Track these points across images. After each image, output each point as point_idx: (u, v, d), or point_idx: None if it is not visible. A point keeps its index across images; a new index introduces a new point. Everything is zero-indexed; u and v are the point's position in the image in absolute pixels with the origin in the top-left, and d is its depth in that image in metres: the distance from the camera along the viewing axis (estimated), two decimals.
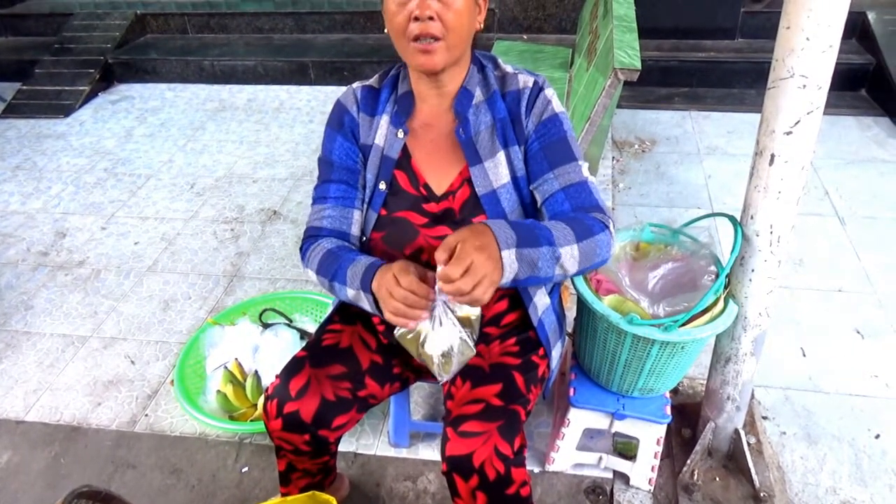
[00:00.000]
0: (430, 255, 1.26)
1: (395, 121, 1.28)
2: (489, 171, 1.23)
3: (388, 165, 1.28)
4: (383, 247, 1.30)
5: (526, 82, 1.25)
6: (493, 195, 1.23)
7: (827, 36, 1.17)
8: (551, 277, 1.11)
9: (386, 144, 1.28)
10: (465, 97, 1.25)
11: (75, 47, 4.57)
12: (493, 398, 1.26)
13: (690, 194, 2.98)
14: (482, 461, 1.18)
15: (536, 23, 4.29)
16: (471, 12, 1.17)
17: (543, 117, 1.23)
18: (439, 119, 1.27)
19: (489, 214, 1.23)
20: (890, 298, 2.34)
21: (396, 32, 1.16)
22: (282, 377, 1.33)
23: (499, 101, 1.25)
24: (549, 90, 1.25)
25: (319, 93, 4.22)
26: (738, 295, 1.50)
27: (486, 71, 1.27)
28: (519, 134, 1.25)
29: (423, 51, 1.14)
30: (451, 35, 1.14)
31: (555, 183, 1.20)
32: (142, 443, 1.96)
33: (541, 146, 1.22)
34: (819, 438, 1.88)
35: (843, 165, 3.12)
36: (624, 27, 1.98)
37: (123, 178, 3.39)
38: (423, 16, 1.11)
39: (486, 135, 1.24)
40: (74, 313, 2.48)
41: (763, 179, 1.35)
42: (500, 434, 1.21)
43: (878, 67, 3.64)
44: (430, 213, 1.26)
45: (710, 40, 4.04)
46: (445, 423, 1.27)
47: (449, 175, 1.27)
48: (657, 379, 1.56)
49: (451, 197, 1.25)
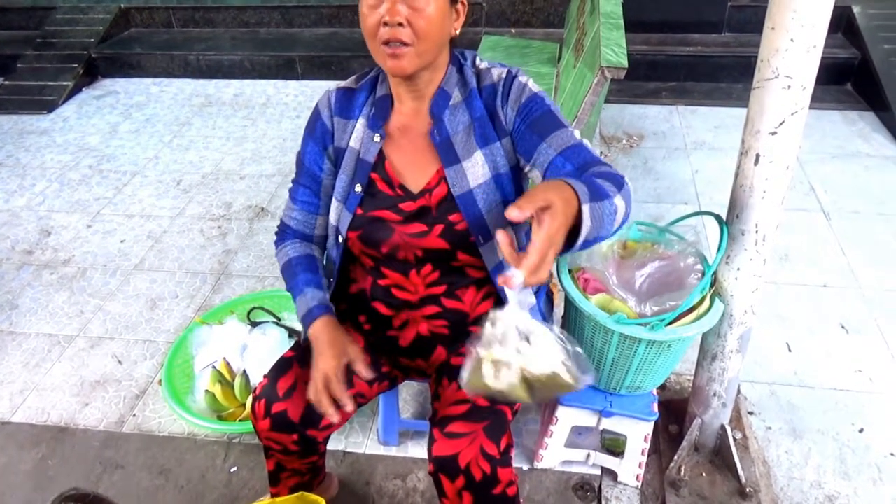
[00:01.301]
0: (406, 253, 1.27)
1: (372, 124, 1.28)
2: (466, 171, 1.23)
3: (364, 168, 1.27)
4: (360, 245, 1.30)
5: (500, 74, 1.24)
6: (469, 195, 1.22)
7: (811, 36, 1.17)
8: (607, 235, 1.03)
9: (362, 148, 1.28)
10: (442, 98, 1.24)
11: (58, 42, 4.51)
12: (480, 398, 1.27)
13: (678, 189, 2.99)
14: (468, 462, 1.19)
15: (524, 17, 4.28)
16: (444, 19, 1.15)
17: (523, 100, 1.22)
18: (416, 120, 1.27)
19: (465, 214, 1.23)
20: (874, 293, 2.37)
21: (368, 34, 1.15)
22: (269, 377, 1.34)
23: (476, 98, 1.24)
24: (522, 77, 1.24)
25: (307, 87, 4.19)
26: (724, 293, 1.51)
27: (464, 69, 1.26)
28: (499, 128, 1.24)
29: (392, 55, 1.13)
30: (420, 42, 1.13)
31: (550, 150, 1.16)
32: (130, 443, 1.95)
33: (527, 125, 1.20)
34: (804, 433, 1.90)
35: (829, 160, 3.14)
36: (611, 24, 1.98)
37: (109, 174, 3.35)
38: (393, 21, 1.10)
39: (463, 135, 1.24)
40: (60, 313, 2.46)
41: (748, 179, 1.36)
42: (486, 434, 1.21)
43: (864, 62, 3.67)
44: (406, 212, 1.26)
45: (698, 34, 4.04)
46: (432, 423, 1.28)
47: (426, 173, 1.26)
48: (644, 377, 1.57)
49: (427, 195, 1.25)
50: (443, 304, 1.33)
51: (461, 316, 1.34)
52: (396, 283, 1.33)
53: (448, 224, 1.24)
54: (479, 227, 1.23)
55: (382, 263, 1.32)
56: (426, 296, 1.32)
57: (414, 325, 1.38)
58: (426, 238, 1.25)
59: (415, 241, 1.26)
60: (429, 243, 1.25)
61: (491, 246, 1.25)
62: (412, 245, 1.26)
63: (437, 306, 1.33)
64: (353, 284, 1.42)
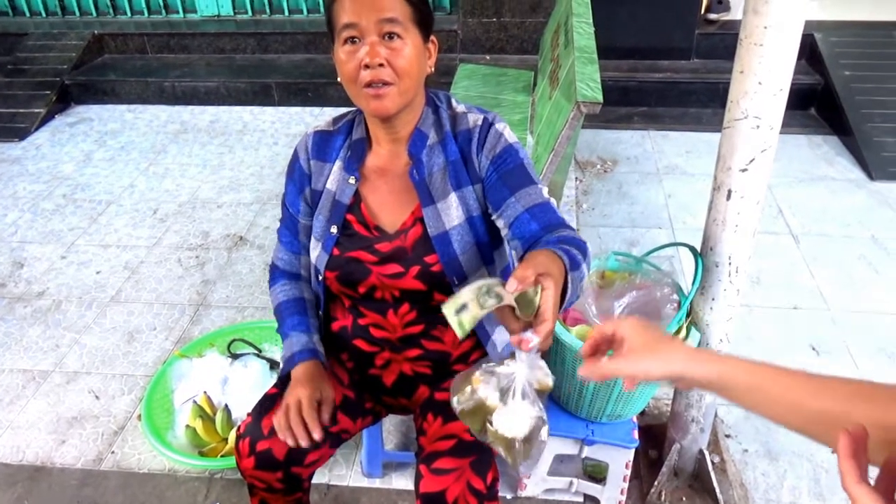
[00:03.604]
0: (384, 293, 1.30)
1: (348, 167, 1.30)
2: (441, 212, 1.25)
3: (340, 210, 1.30)
4: (338, 286, 1.32)
5: (476, 121, 1.27)
6: (445, 236, 1.25)
7: (778, 80, 1.23)
8: (575, 301, 1.07)
9: (338, 190, 1.31)
10: (420, 139, 1.27)
11: (30, 68, 4.47)
12: (465, 433, 1.28)
13: (652, 214, 3.06)
14: (455, 497, 1.20)
15: (499, 44, 4.36)
16: (420, 57, 1.19)
17: (497, 150, 1.24)
18: (393, 162, 1.29)
19: (440, 256, 1.25)
20: (842, 314, 2.44)
21: (348, 80, 1.18)
22: (253, 415, 1.34)
23: (451, 142, 1.27)
24: (499, 124, 1.27)
25: (284, 114, 4.20)
26: (700, 322, 1.56)
27: (439, 111, 1.29)
28: (472, 173, 1.26)
29: (375, 96, 1.16)
30: (402, 81, 1.16)
31: (518, 206, 1.20)
32: (109, 481, 1.92)
33: (498, 176, 1.23)
34: (779, 455, 1.95)
35: (796, 184, 3.24)
36: (585, 59, 2.03)
37: (83, 204, 3.32)
38: (374, 63, 1.13)
39: (439, 176, 1.26)
40: (35, 347, 2.42)
41: (721, 213, 1.41)
42: (473, 469, 1.23)
43: (826, 87, 3.80)
44: (382, 252, 1.28)
45: (667, 60, 4.15)
46: (419, 459, 1.29)
47: (402, 214, 1.29)
48: (624, 405, 1.60)
49: (402, 236, 1.27)
50: (424, 346, 1.35)
51: (443, 356, 1.36)
52: (375, 323, 1.35)
53: (424, 265, 1.26)
54: (454, 268, 1.26)
55: (360, 303, 1.34)
56: (405, 336, 1.34)
57: (397, 364, 1.39)
58: (402, 279, 1.27)
59: (391, 281, 1.28)
60: (405, 284, 1.28)
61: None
62: (389, 286, 1.28)
63: (419, 348, 1.35)
64: (334, 322, 1.43)
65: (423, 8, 1.20)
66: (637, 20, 4.04)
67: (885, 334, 2.35)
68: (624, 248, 2.82)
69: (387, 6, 1.13)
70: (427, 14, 1.21)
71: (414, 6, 1.17)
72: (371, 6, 1.13)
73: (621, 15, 4.00)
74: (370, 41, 1.14)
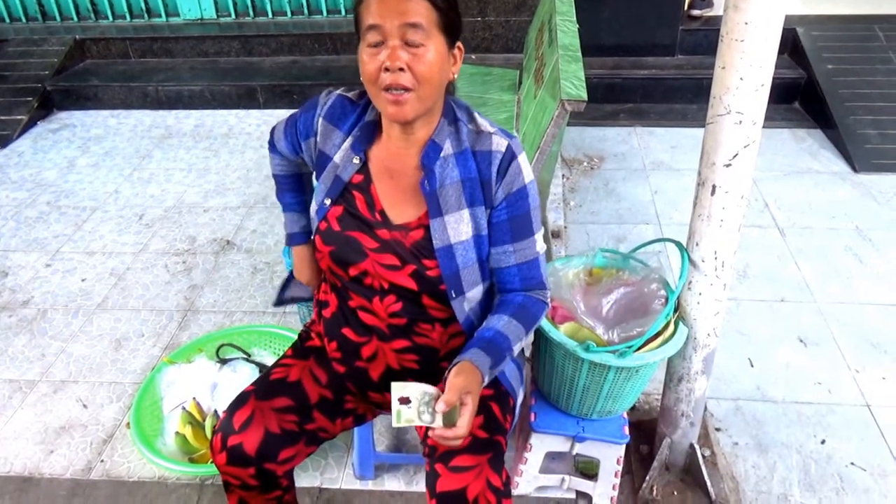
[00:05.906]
0: (374, 280, 1.30)
1: (355, 146, 1.30)
2: (449, 225, 1.25)
3: (338, 185, 1.30)
4: (329, 261, 1.32)
5: (499, 145, 1.25)
6: (449, 250, 1.25)
7: (759, 76, 1.24)
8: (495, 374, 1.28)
9: (341, 165, 1.30)
10: (433, 150, 1.25)
11: (11, 74, 4.42)
12: (478, 430, 1.29)
13: (639, 210, 3.07)
14: (476, 495, 1.21)
15: (484, 42, 4.36)
16: (443, 63, 1.17)
17: (514, 189, 1.25)
18: (404, 164, 1.28)
19: (442, 268, 1.25)
20: (828, 306, 2.46)
21: (368, 80, 1.17)
22: (227, 411, 1.35)
23: (470, 159, 1.25)
24: (521, 157, 1.26)
25: (269, 117, 4.18)
26: (688, 317, 1.56)
27: (458, 124, 1.27)
28: (487, 196, 1.26)
29: (394, 101, 1.15)
30: (422, 87, 1.15)
31: (512, 258, 1.28)
32: (98, 490, 1.90)
33: (508, 217, 1.26)
34: (769, 447, 1.96)
35: (781, 177, 3.27)
36: (569, 57, 2.03)
37: (67, 211, 3.29)
38: (394, 67, 1.12)
39: (452, 190, 1.25)
40: (21, 357, 2.40)
41: (706, 209, 1.42)
42: (491, 466, 1.24)
43: (809, 81, 3.83)
44: (382, 239, 1.28)
45: (651, 57, 4.17)
46: (432, 459, 1.28)
47: (409, 214, 1.28)
48: (615, 401, 1.60)
49: (403, 231, 1.27)
50: (413, 340, 1.35)
51: (431, 352, 1.36)
52: (362, 306, 1.34)
53: (421, 267, 1.26)
54: (453, 281, 1.26)
55: (349, 286, 1.34)
56: (393, 325, 1.33)
57: (383, 357, 1.38)
58: (396, 273, 1.27)
59: (385, 272, 1.28)
60: (397, 279, 1.27)
61: (462, 300, 1.29)
62: (381, 275, 1.28)
63: (407, 340, 1.35)
64: (325, 309, 1.42)
65: (451, 13, 1.17)
66: (621, 17, 4.05)
67: (871, 325, 2.37)
68: (611, 244, 2.83)
69: (411, 10, 1.12)
70: (454, 19, 1.19)
71: (441, 11, 1.15)
72: (395, 9, 1.11)
73: (605, 12, 4.02)
74: (392, 45, 1.12)
